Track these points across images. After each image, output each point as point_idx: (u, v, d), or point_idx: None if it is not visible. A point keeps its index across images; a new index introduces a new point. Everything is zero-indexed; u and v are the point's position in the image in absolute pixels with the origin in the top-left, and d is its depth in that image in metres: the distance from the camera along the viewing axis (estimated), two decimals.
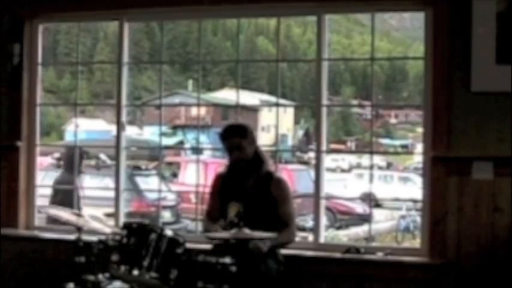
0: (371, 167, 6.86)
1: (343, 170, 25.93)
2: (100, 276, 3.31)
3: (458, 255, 3.78)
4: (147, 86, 40.50)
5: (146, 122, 29.26)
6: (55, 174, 10.36)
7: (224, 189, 3.84)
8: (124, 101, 4.63)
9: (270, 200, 3.69)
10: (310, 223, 7.26)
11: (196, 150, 8.28)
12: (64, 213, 3.58)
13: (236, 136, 3.74)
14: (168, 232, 3.26)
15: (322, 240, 4.24)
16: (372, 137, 8.20)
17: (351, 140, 41.15)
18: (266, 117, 31.11)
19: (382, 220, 14.82)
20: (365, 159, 26.25)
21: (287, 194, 3.78)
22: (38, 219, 4.84)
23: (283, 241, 3.67)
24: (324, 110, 4.23)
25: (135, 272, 3.16)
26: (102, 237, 3.34)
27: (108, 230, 3.44)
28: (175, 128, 31.61)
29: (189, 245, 3.32)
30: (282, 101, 7.56)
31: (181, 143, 27.20)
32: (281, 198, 3.72)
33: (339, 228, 13.99)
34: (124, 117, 4.64)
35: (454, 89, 3.83)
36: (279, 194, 3.73)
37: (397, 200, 16.11)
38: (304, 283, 3.94)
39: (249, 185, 3.73)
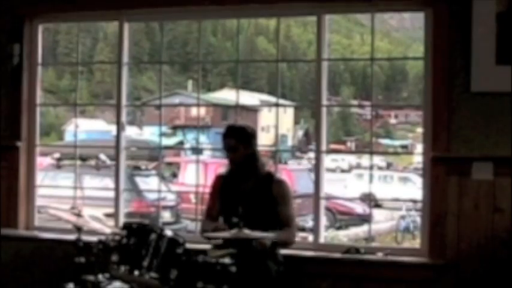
0: (371, 167, 6.87)
1: (343, 170, 25.95)
2: (100, 276, 3.31)
3: (458, 255, 3.78)
4: (147, 86, 40.56)
5: (146, 122, 29.26)
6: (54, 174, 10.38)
7: (224, 190, 3.84)
8: (124, 101, 4.63)
9: (271, 201, 3.69)
10: (310, 223, 7.26)
11: (196, 150, 8.29)
12: (64, 213, 3.58)
13: (231, 137, 3.76)
14: (168, 232, 3.27)
15: (322, 240, 4.24)
16: (372, 137, 8.18)
17: (350, 140, 41.21)
18: (266, 117, 31.13)
19: (382, 220, 14.82)
20: (365, 160, 26.27)
21: (288, 195, 3.78)
22: (38, 219, 4.84)
23: (283, 239, 3.66)
24: (324, 110, 4.23)
25: (135, 272, 3.16)
26: (102, 238, 3.34)
27: (108, 230, 3.44)
28: (175, 128, 31.62)
29: (189, 245, 3.32)
30: (281, 101, 7.57)
31: (181, 143, 27.19)
32: (282, 199, 3.72)
33: (338, 228, 13.99)
34: (124, 118, 4.64)
35: (454, 89, 3.83)
36: (280, 195, 3.73)
37: (397, 200, 16.11)
38: (304, 283, 3.94)
39: (249, 186, 3.73)
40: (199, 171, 4.94)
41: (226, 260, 3.16)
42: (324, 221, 4.35)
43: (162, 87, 5.88)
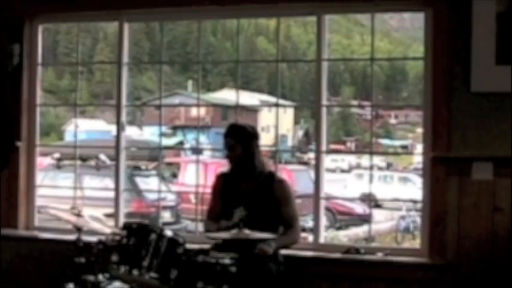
0: (371, 168, 6.86)
1: (343, 170, 25.95)
2: (100, 276, 3.31)
3: (458, 255, 3.78)
4: (147, 86, 40.57)
5: (146, 122, 29.26)
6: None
7: (225, 189, 3.84)
8: (124, 101, 4.63)
9: (273, 201, 3.69)
10: (310, 223, 7.27)
11: (196, 150, 8.28)
12: (64, 214, 3.59)
13: (230, 136, 3.77)
14: (168, 232, 3.26)
15: (322, 240, 4.24)
16: (372, 138, 8.17)
17: (350, 140, 41.21)
18: (266, 117, 31.10)
19: (382, 220, 14.82)
20: (365, 160, 26.28)
21: (290, 195, 3.79)
22: (38, 219, 4.84)
23: (287, 242, 3.68)
24: (324, 110, 4.23)
25: (135, 272, 3.16)
26: (102, 238, 3.34)
27: (108, 230, 3.44)
28: (175, 128, 31.62)
29: (189, 245, 3.32)
30: (281, 101, 7.57)
31: (181, 143, 27.18)
32: (284, 199, 3.72)
33: (338, 228, 14.00)
34: (124, 118, 4.64)
35: (454, 89, 3.83)
36: (282, 195, 3.73)
37: (397, 200, 16.12)
38: (304, 283, 3.94)
39: (250, 187, 3.73)
40: (199, 171, 4.94)
41: (227, 260, 3.15)
42: (324, 221, 4.35)
43: (162, 87, 5.88)
